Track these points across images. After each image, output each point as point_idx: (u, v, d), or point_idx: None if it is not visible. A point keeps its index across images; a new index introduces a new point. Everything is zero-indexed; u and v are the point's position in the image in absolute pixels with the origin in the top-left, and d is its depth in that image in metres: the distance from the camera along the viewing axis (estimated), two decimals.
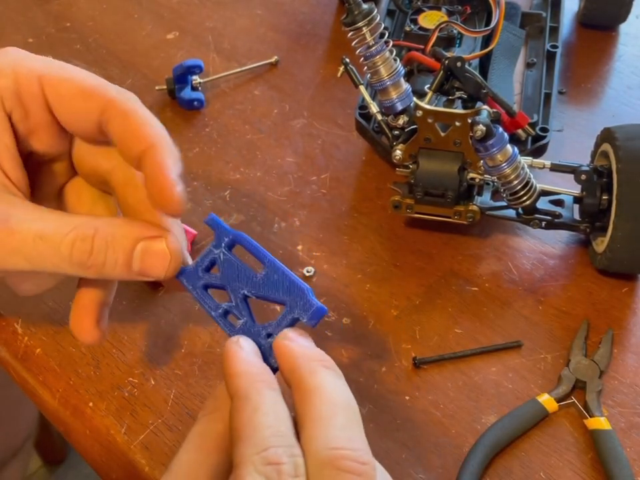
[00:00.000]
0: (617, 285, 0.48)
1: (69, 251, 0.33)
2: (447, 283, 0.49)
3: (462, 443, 0.41)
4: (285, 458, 0.28)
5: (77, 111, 0.36)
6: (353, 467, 0.28)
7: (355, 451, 0.28)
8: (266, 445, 0.28)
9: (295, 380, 0.31)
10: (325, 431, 0.29)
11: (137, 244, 0.34)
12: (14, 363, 0.46)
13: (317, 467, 0.28)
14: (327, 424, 0.29)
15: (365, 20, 0.44)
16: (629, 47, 0.67)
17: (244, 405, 0.29)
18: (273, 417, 0.29)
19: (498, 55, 0.56)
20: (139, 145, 0.35)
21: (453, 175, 0.47)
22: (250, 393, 0.30)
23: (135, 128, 0.36)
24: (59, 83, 0.36)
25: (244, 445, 0.28)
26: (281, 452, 0.28)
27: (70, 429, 0.43)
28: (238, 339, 0.32)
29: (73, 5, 0.72)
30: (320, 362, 0.31)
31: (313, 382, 0.30)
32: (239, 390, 0.30)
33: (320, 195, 0.54)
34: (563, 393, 0.43)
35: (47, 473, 1.09)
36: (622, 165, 0.45)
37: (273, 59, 0.65)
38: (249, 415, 0.29)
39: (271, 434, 0.28)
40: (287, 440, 0.28)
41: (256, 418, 0.29)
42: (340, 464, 0.28)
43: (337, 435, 0.29)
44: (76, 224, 0.34)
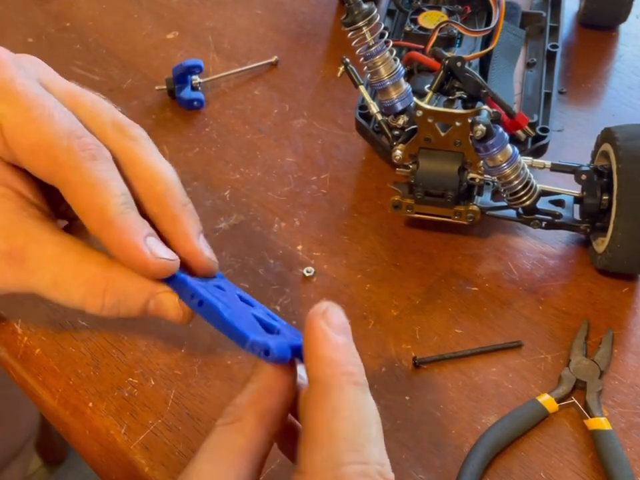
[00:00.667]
0: (617, 285, 0.48)
1: (81, 302, 0.35)
2: (447, 283, 0.49)
3: (462, 443, 0.41)
4: (357, 478, 0.25)
5: (28, 164, 0.35)
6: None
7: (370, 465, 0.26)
8: (340, 461, 0.25)
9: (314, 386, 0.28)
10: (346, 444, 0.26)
11: (149, 299, 0.35)
12: (13, 363, 0.46)
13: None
14: (348, 437, 0.27)
15: (365, 20, 0.44)
16: (629, 46, 0.67)
17: (323, 402, 0.27)
18: (352, 426, 0.26)
19: (498, 54, 0.56)
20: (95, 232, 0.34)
21: (453, 174, 0.47)
22: (331, 388, 0.27)
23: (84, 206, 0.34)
24: (15, 130, 0.35)
25: (316, 453, 0.26)
26: (359, 471, 0.25)
27: (70, 429, 0.43)
28: (327, 308, 0.29)
29: (72, 4, 0.72)
30: (348, 375, 0.28)
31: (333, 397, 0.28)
32: (319, 379, 0.27)
33: (320, 194, 0.54)
34: (563, 393, 0.43)
35: (46, 473, 1.09)
36: (622, 165, 0.45)
37: (272, 58, 0.65)
38: (327, 416, 0.26)
39: (347, 448, 0.26)
40: (365, 456, 0.26)
41: (334, 423, 0.26)
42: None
43: (358, 449, 0.26)
44: (88, 276, 0.34)
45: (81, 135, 0.35)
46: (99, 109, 0.37)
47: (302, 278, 0.49)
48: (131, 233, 0.33)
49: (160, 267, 0.34)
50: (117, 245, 0.33)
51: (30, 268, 0.35)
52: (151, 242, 0.34)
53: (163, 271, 0.34)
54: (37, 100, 0.35)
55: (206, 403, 0.43)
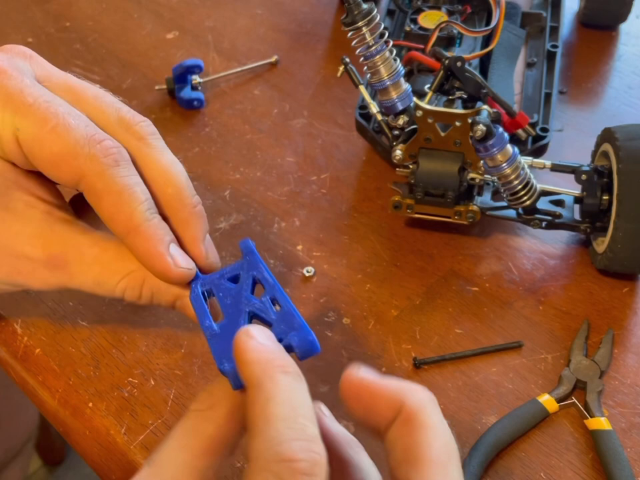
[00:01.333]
0: (618, 285, 0.48)
1: (121, 295, 0.37)
2: (447, 283, 0.49)
3: (462, 443, 0.41)
4: (301, 454, 0.25)
5: (51, 174, 0.36)
6: None
7: None
8: (279, 438, 0.25)
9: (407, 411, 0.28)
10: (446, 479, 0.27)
11: (177, 300, 0.38)
12: (13, 363, 0.45)
13: None
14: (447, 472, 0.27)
15: (364, 20, 0.44)
16: (629, 46, 0.66)
17: (257, 395, 0.27)
18: (288, 407, 0.27)
19: (498, 54, 0.56)
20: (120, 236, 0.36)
21: (453, 175, 0.47)
22: (262, 380, 0.27)
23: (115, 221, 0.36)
24: (33, 143, 0.35)
25: (257, 440, 0.26)
26: (297, 447, 0.25)
27: (69, 429, 0.43)
28: (247, 328, 0.30)
29: (72, 4, 0.72)
30: (428, 395, 0.29)
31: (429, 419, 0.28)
32: (251, 379, 0.28)
33: (320, 194, 0.54)
34: (563, 393, 0.43)
35: (46, 473, 1.09)
36: (622, 165, 0.45)
37: (272, 58, 0.65)
38: (261, 405, 0.27)
39: (285, 426, 0.26)
40: (305, 433, 0.26)
41: (269, 409, 0.26)
42: None
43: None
44: (126, 272, 0.37)
45: (100, 139, 0.35)
46: (102, 105, 0.37)
47: (302, 278, 0.49)
48: (156, 242, 0.35)
49: (179, 276, 0.36)
50: (142, 251, 0.35)
51: (72, 272, 0.37)
52: (173, 251, 0.36)
53: (181, 279, 0.36)
54: (50, 109, 0.35)
55: None
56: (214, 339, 0.34)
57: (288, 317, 0.33)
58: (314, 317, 0.47)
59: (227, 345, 0.31)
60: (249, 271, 0.36)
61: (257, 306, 0.34)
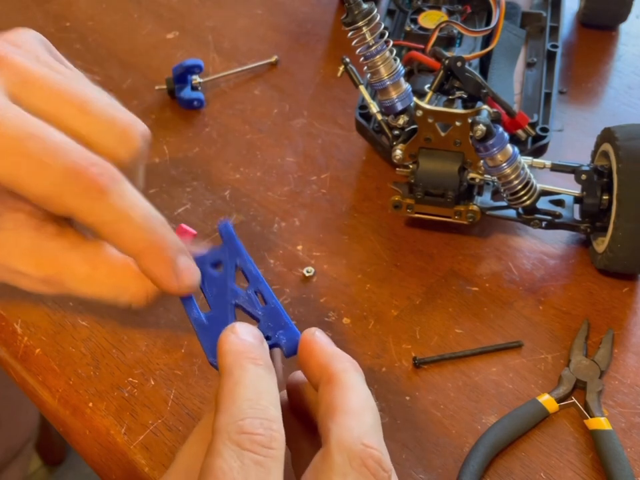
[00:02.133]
0: (618, 285, 0.48)
1: (129, 304, 0.36)
2: (447, 283, 0.49)
3: (462, 443, 0.41)
4: (260, 429, 0.28)
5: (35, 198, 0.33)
6: (378, 471, 0.28)
7: (383, 455, 0.29)
8: (242, 416, 0.28)
9: (327, 375, 0.31)
10: (360, 425, 0.29)
11: None
12: (13, 363, 0.46)
13: (344, 455, 0.28)
14: (362, 420, 0.30)
15: (364, 20, 0.44)
16: (629, 46, 0.66)
17: (227, 380, 0.30)
18: (253, 391, 0.29)
19: (498, 54, 0.56)
20: None
21: (453, 174, 0.47)
22: (233, 368, 0.30)
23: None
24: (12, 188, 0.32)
25: (221, 416, 0.28)
26: (257, 423, 0.28)
27: (69, 429, 0.43)
28: (233, 325, 0.32)
29: (72, 4, 0.72)
30: (351, 363, 0.32)
31: (348, 379, 0.31)
32: (224, 367, 0.30)
33: (320, 194, 0.54)
34: (563, 393, 0.43)
35: (46, 473, 1.09)
36: (622, 165, 0.45)
37: (272, 58, 0.65)
38: (229, 388, 0.29)
39: (249, 406, 0.29)
40: (266, 413, 0.29)
41: (236, 391, 0.29)
42: (368, 463, 0.28)
43: (370, 434, 0.29)
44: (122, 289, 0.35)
45: (83, 169, 0.32)
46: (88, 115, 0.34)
47: (302, 278, 0.49)
48: (162, 265, 0.34)
49: (185, 293, 0.35)
50: (149, 274, 0.34)
51: (70, 288, 0.36)
52: (181, 265, 0.34)
53: (186, 294, 0.35)
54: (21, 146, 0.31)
55: (206, 403, 0.43)
56: (202, 331, 0.34)
57: (274, 314, 0.34)
58: (314, 317, 0.47)
59: (215, 339, 0.33)
60: (231, 257, 0.36)
61: (243, 298, 0.35)
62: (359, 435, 0.29)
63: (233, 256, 0.37)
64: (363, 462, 0.28)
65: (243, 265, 0.36)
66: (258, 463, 0.27)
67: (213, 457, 0.27)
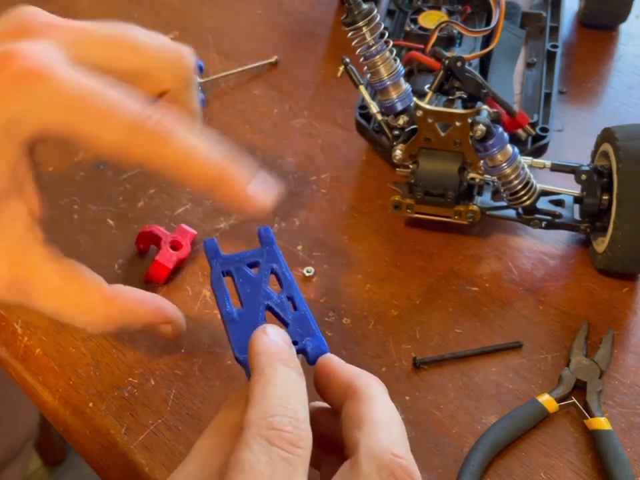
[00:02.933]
0: (618, 285, 0.48)
1: (84, 327, 0.37)
2: (447, 283, 0.49)
3: (462, 443, 0.41)
4: (289, 427, 0.29)
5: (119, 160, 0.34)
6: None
7: (411, 464, 0.29)
8: (272, 412, 0.29)
9: (351, 391, 0.32)
10: (388, 435, 0.30)
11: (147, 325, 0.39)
12: (14, 363, 0.46)
13: (373, 464, 0.29)
14: (390, 430, 0.30)
15: (364, 20, 0.44)
16: (629, 46, 0.67)
17: (258, 379, 0.30)
18: (283, 390, 0.30)
19: (498, 54, 0.56)
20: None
21: (453, 174, 0.47)
22: (265, 368, 0.31)
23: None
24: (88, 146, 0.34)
25: (252, 410, 0.29)
26: (287, 421, 0.29)
27: (70, 429, 0.43)
28: (265, 326, 0.33)
29: (72, 4, 0.72)
30: (374, 379, 0.33)
31: (373, 392, 0.32)
32: (257, 367, 0.31)
33: (320, 194, 0.54)
34: (563, 393, 0.43)
35: (46, 473, 1.09)
36: (622, 165, 0.45)
37: (273, 58, 0.65)
38: (261, 386, 0.30)
39: (279, 404, 0.29)
40: (295, 413, 0.29)
41: (267, 389, 0.30)
42: (397, 472, 0.29)
43: (398, 443, 0.30)
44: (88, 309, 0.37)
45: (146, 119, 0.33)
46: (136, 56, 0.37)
47: (302, 278, 0.49)
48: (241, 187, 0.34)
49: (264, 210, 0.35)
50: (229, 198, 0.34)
51: (34, 298, 0.36)
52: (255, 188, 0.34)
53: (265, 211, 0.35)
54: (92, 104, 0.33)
55: (206, 403, 0.43)
56: (232, 326, 0.35)
57: (304, 321, 0.35)
58: (314, 317, 0.47)
59: (244, 336, 0.33)
60: (268, 261, 0.37)
61: (275, 302, 0.36)
62: (388, 445, 0.29)
63: (270, 260, 0.38)
64: (392, 471, 0.29)
65: (278, 270, 0.37)
66: (285, 459, 0.28)
67: (242, 449, 0.28)
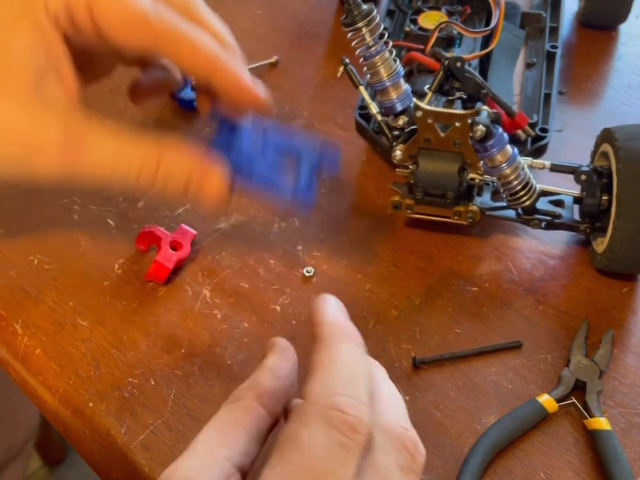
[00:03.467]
0: (617, 285, 0.48)
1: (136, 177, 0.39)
2: (447, 283, 0.49)
3: (462, 443, 0.41)
4: (352, 410, 0.28)
5: (125, 40, 0.39)
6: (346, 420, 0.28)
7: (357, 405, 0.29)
8: (337, 391, 0.29)
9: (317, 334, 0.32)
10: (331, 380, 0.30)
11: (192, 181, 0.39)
12: (14, 363, 0.46)
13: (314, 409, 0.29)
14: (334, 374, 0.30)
15: (364, 20, 0.44)
16: (629, 46, 0.67)
17: (326, 349, 0.30)
18: (350, 369, 0.30)
19: (498, 55, 0.56)
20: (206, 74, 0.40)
21: (453, 175, 0.47)
22: (334, 340, 0.30)
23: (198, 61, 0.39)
24: (107, 12, 0.38)
25: (317, 382, 0.29)
26: (351, 404, 0.28)
27: (70, 429, 0.44)
28: (325, 296, 0.33)
29: None
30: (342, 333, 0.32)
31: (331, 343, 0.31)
32: (323, 337, 0.31)
33: (320, 194, 0.54)
34: (562, 393, 0.43)
35: (46, 472, 1.09)
36: (622, 165, 0.45)
37: (272, 59, 0.65)
38: (329, 358, 0.30)
39: (344, 383, 0.29)
40: (359, 396, 0.29)
41: (335, 364, 0.29)
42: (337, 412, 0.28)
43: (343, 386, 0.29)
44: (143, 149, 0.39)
45: None
46: None
47: (302, 278, 0.49)
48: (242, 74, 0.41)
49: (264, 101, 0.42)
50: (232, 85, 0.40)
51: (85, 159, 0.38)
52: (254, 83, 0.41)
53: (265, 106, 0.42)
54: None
55: (206, 403, 0.43)
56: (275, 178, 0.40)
57: None
58: None
59: None
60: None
61: None
62: (330, 389, 0.29)
63: None
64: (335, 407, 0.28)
65: None
66: (343, 445, 0.27)
67: (300, 425, 0.28)
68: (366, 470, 0.28)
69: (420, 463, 0.30)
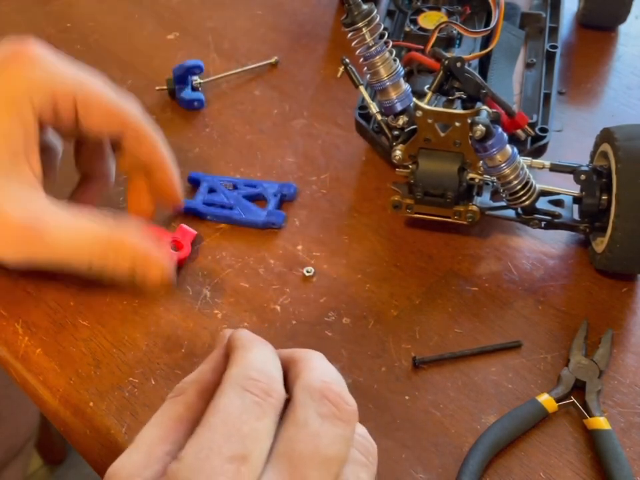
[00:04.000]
0: (617, 285, 0.49)
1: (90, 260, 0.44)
2: (447, 283, 0.49)
3: (462, 443, 0.41)
4: (264, 379, 0.31)
5: (99, 126, 0.46)
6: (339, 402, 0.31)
7: (343, 390, 0.32)
8: (251, 368, 0.31)
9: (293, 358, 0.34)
10: (321, 371, 0.32)
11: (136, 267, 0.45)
12: (14, 362, 0.46)
13: (306, 392, 0.31)
14: (323, 370, 0.32)
15: (364, 20, 0.45)
16: (628, 47, 0.67)
17: (240, 350, 0.33)
18: (262, 357, 0.32)
19: (498, 55, 0.56)
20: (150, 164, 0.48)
21: (453, 175, 0.47)
22: (245, 343, 0.33)
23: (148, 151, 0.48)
24: (89, 103, 0.45)
25: (232, 369, 0.32)
26: (262, 376, 0.31)
27: (70, 429, 0.44)
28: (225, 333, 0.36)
29: (73, 5, 0.72)
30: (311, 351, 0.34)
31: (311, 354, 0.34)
32: (237, 344, 0.33)
33: (320, 195, 0.54)
34: (562, 393, 0.43)
35: (47, 472, 1.09)
36: (621, 165, 0.45)
37: (273, 59, 0.65)
38: (242, 354, 0.32)
39: (257, 364, 0.32)
40: (271, 372, 0.32)
41: (247, 355, 0.32)
42: (328, 394, 0.31)
43: (331, 377, 0.32)
44: (98, 234, 0.44)
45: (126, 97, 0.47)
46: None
47: (302, 278, 0.49)
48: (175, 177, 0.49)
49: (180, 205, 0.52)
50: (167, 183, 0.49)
51: (47, 240, 0.42)
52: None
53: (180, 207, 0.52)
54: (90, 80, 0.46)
55: None
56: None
57: None
58: (314, 317, 0.47)
59: None
60: None
61: None
62: (319, 376, 0.32)
63: None
64: (324, 394, 0.31)
65: None
66: (257, 403, 0.30)
67: (220, 397, 0.30)
68: (284, 425, 0.30)
69: (347, 411, 0.31)
